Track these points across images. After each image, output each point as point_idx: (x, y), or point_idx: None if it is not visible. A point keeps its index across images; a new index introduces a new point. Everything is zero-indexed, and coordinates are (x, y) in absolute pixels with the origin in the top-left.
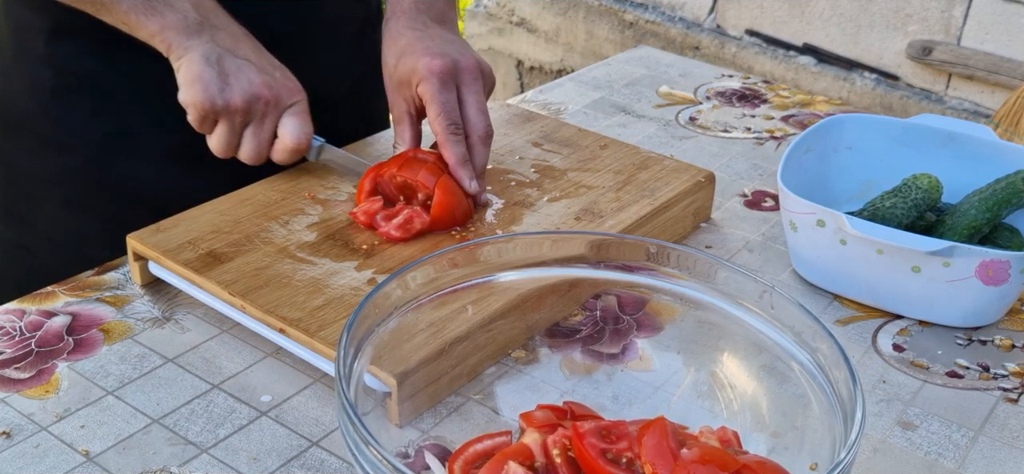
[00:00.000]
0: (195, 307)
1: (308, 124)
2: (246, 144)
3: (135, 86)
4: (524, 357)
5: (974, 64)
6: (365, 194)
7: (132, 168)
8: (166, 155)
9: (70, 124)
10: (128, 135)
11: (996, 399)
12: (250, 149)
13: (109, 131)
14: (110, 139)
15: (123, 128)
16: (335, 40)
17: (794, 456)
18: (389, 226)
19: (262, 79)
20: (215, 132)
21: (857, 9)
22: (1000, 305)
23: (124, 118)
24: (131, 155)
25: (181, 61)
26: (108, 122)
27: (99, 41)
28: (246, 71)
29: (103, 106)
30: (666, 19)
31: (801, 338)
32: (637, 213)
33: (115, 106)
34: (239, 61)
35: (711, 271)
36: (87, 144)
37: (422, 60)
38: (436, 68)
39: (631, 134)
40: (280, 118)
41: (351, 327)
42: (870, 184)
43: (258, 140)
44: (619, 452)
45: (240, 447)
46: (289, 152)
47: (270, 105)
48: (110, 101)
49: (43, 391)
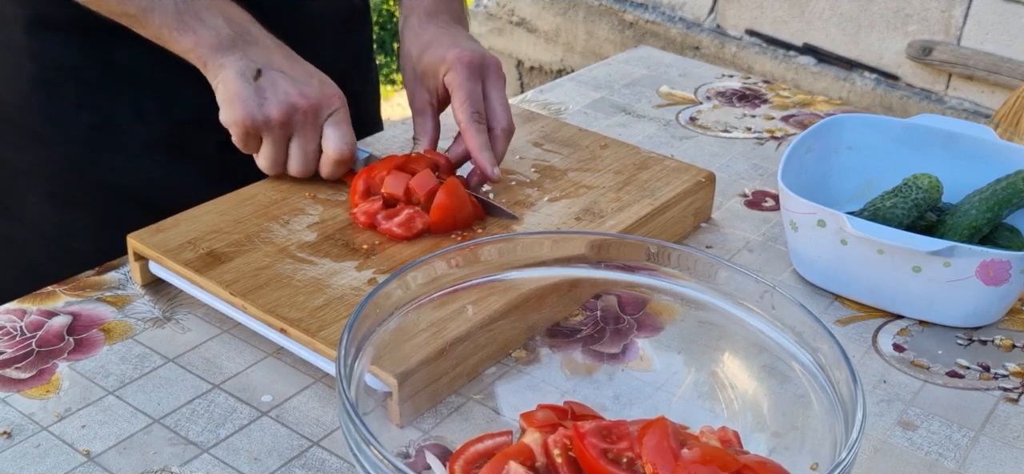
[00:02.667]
0: (196, 307)
1: (349, 134)
2: (293, 158)
3: (118, 78)
4: (525, 357)
5: (974, 64)
6: (359, 195)
7: (117, 161)
8: (151, 148)
9: (53, 117)
10: (112, 128)
11: (996, 399)
12: (297, 163)
13: (93, 124)
14: (94, 132)
15: (107, 121)
16: (319, 36)
17: (795, 456)
18: (391, 224)
19: (298, 90)
20: (261, 150)
21: (857, 9)
22: (1001, 305)
23: (108, 111)
24: (115, 148)
25: (217, 80)
26: (92, 115)
27: (81, 32)
28: (281, 83)
29: (86, 99)
30: (666, 19)
31: (802, 338)
32: (637, 213)
33: (98, 98)
34: (274, 74)
35: (712, 271)
36: (71, 137)
37: (451, 52)
38: (465, 59)
39: (631, 134)
40: (322, 128)
41: (352, 327)
42: (870, 184)
43: (304, 152)
44: (620, 452)
45: (241, 447)
46: (333, 164)
47: (309, 115)
48: (93, 94)
49: (44, 391)
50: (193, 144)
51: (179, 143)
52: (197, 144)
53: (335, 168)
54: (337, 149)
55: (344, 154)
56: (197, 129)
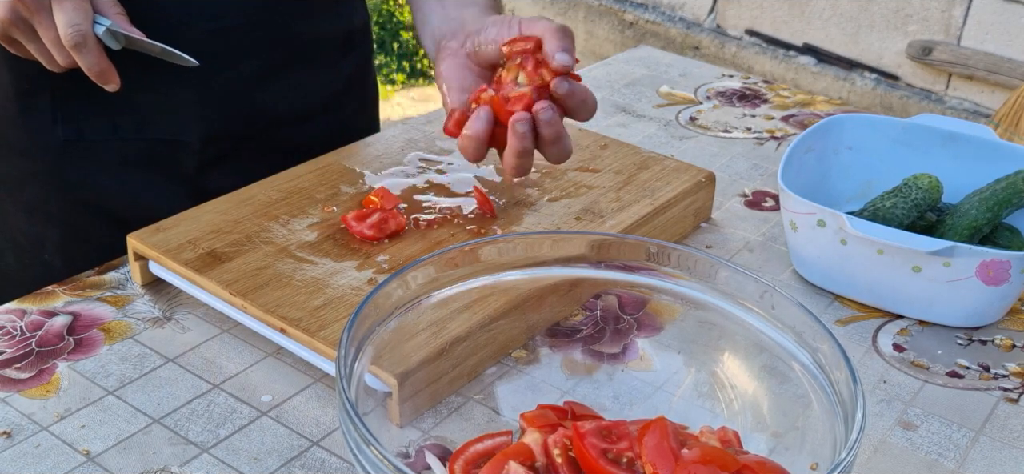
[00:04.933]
0: (195, 307)
1: (74, 11)
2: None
3: (93, 93)
4: (525, 357)
5: (974, 64)
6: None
7: (90, 175)
8: (124, 163)
9: (29, 128)
10: (87, 142)
11: (996, 399)
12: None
13: (67, 137)
14: (69, 145)
15: (81, 135)
16: (312, 59)
17: (795, 456)
18: (363, 226)
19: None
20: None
21: (857, 9)
22: (1000, 305)
23: (82, 125)
24: (89, 162)
25: None
26: (66, 128)
27: None
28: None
29: (61, 111)
30: (666, 19)
31: (802, 338)
32: (637, 213)
33: (73, 111)
34: None
35: (712, 271)
36: (46, 149)
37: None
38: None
39: (631, 134)
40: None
41: (352, 327)
42: (870, 184)
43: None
44: (619, 452)
45: (241, 447)
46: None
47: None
48: (68, 106)
49: (44, 391)
50: (170, 163)
51: (155, 161)
52: (174, 163)
53: (72, 55)
54: (63, 36)
55: (72, 39)
56: (174, 148)
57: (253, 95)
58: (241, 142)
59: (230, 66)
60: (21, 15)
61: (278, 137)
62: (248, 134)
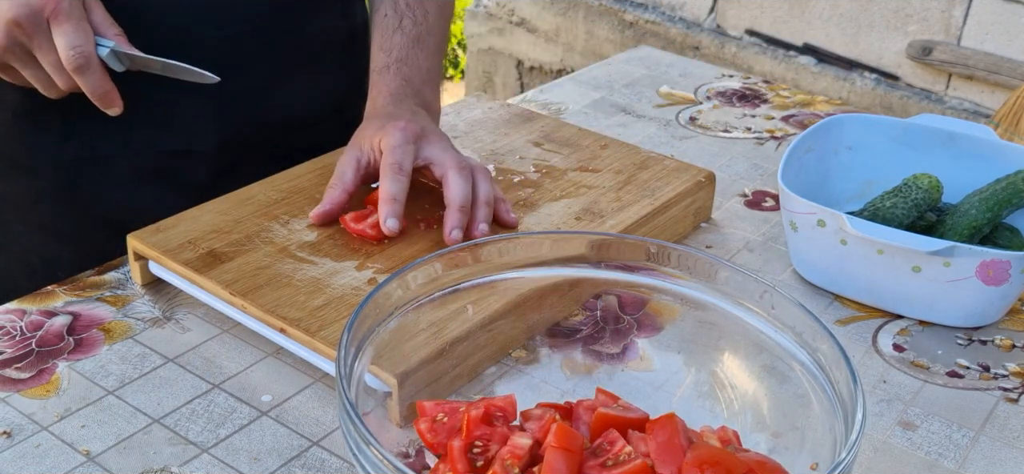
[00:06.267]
0: (195, 307)
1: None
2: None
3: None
4: (525, 357)
5: (974, 64)
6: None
7: (103, 191)
8: (135, 178)
9: (37, 146)
10: (97, 158)
11: (996, 399)
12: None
13: (77, 154)
14: (79, 163)
15: (91, 151)
16: (319, 59)
17: (795, 456)
18: (362, 226)
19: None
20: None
21: (857, 9)
22: (1000, 305)
23: (92, 141)
24: (100, 179)
25: None
26: (76, 145)
27: None
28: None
29: (70, 128)
30: (666, 19)
31: (802, 338)
32: (637, 213)
33: (82, 128)
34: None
35: (711, 271)
36: (55, 167)
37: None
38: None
39: (631, 134)
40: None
41: (352, 327)
42: (870, 184)
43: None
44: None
45: (241, 447)
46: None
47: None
48: (77, 123)
49: (44, 391)
50: (183, 174)
51: (168, 173)
52: (188, 173)
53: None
54: (65, 59)
55: (74, 61)
56: (186, 158)
57: (266, 99)
58: (254, 148)
59: (243, 72)
60: (18, 40)
61: (290, 141)
62: (261, 140)
